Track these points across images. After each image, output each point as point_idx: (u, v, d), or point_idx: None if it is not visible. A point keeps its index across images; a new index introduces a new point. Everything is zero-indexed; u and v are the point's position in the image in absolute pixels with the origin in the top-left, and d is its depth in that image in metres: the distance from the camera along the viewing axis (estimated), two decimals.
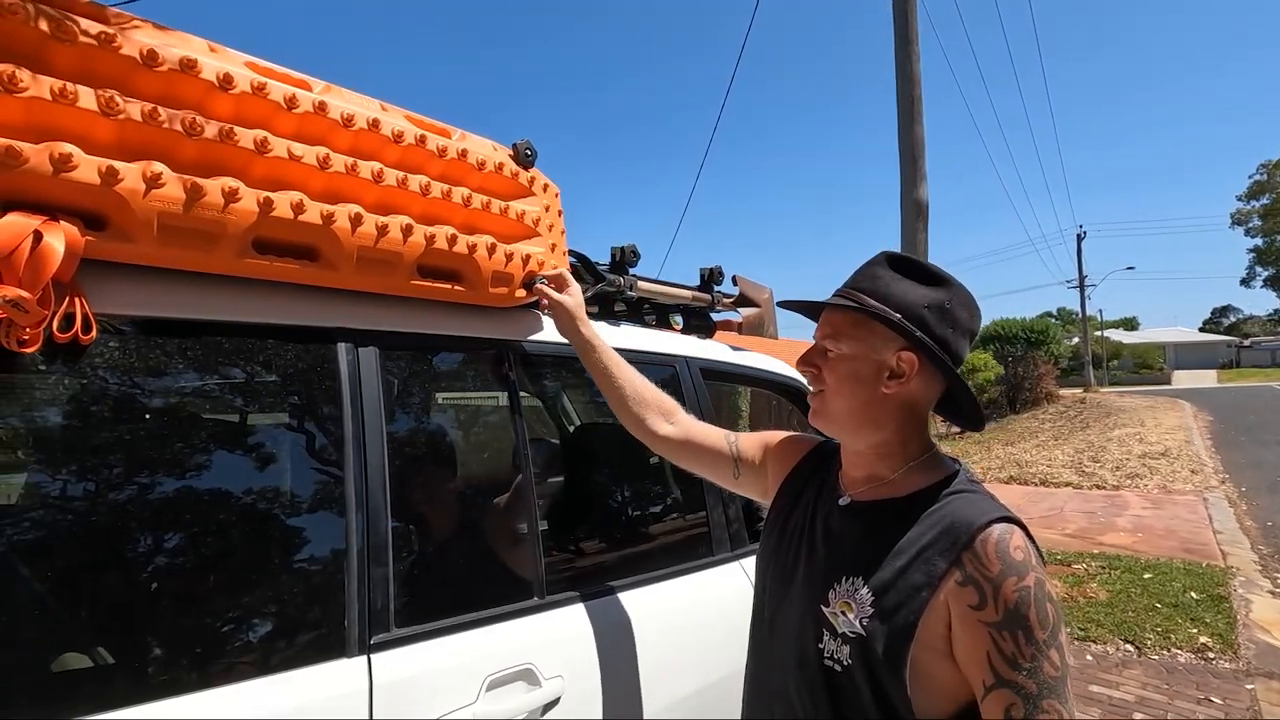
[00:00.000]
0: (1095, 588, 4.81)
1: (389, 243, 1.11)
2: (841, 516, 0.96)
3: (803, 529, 1.01)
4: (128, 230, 0.86)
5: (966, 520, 0.84)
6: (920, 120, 6.21)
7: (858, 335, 0.93)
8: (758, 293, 2.33)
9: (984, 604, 0.79)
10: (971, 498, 0.88)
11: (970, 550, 0.81)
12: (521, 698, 1.12)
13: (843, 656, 0.86)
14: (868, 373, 0.92)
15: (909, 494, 0.91)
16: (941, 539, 0.84)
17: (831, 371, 0.94)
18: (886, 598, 0.84)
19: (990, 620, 0.78)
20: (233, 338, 1.03)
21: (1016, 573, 0.79)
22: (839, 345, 0.93)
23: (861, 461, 0.97)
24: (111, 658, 0.86)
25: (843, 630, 0.86)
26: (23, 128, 0.79)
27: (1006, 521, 0.84)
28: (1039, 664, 0.76)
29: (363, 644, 1.00)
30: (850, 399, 0.93)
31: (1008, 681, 0.76)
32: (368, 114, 1.11)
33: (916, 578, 0.83)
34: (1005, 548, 0.81)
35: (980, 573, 0.80)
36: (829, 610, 0.89)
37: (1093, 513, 7.39)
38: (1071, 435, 13.95)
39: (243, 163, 0.96)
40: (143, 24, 0.91)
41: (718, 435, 1.25)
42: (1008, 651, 0.77)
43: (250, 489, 1.03)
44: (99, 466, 0.90)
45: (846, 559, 0.91)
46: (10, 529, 0.85)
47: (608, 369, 1.31)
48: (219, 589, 0.95)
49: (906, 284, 0.92)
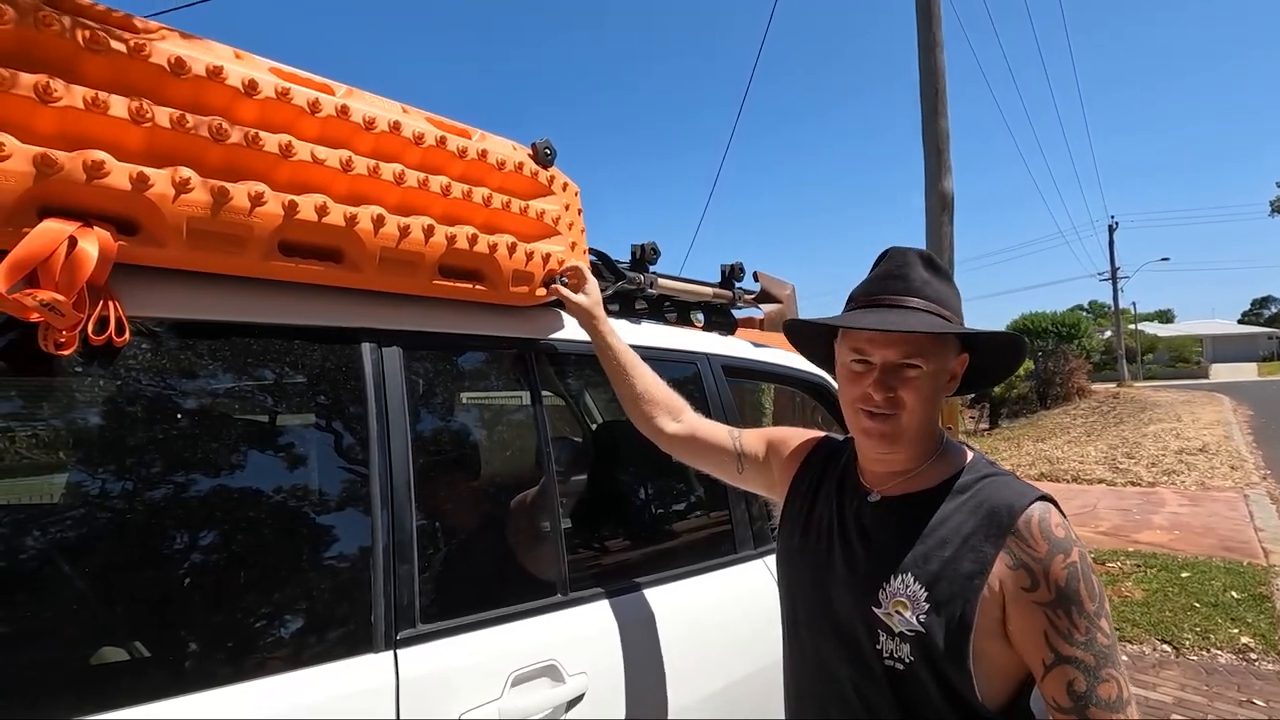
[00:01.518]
0: (1130, 586, 4.69)
1: (411, 243, 1.12)
2: (874, 513, 0.95)
3: (830, 528, 1.00)
4: (158, 235, 0.88)
5: (1006, 504, 0.85)
6: (945, 112, 6.12)
7: (938, 351, 0.90)
8: (779, 289, 2.31)
9: (1036, 585, 0.80)
10: (1002, 480, 0.90)
11: (1015, 533, 0.82)
12: (546, 694, 1.13)
13: (904, 655, 0.85)
14: (942, 383, 0.93)
15: (939, 484, 0.92)
16: (985, 524, 0.85)
17: (914, 391, 0.90)
18: (938, 589, 0.84)
19: (1044, 600, 0.79)
20: (260, 339, 1.05)
21: (1062, 550, 0.80)
22: (928, 363, 0.89)
23: (889, 459, 0.96)
24: (147, 652, 0.89)
25: (900, 629, 0.86)
26: (57, 136, 0.81)
27: (1042, 500, 0.85)
28: (1093, 635, 0.78)
29: (389, 640, 1.01)
30: (928, 414, 0.92)
31: (1067, 657, 0.78)
32: (389, 116, 1.12)
33: (966, 565, 0.84)
34: (1048, 527, 0.82)
35: (1028, 554, 0.81)
36: (882, 611, 0.88)
37: (1127, 510, 7.22)
38: (1105, 431, 13.64)
39: (268, 167, 0.98)
40: (170, 33, 0.93)
41: (721, 432, 1.27)
42: (1063, 628, 0.78)
43: (278, 487, 1.05)
44: (133, 466, 0.92)
45: (889, 556, 0.90)
46: (50, 527, 0.88)
47: (621, 366, 1.33)
48: (249, 585, 0.97)
49: (945, 285, 0.94)
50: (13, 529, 0.86)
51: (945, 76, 6.16)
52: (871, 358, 0.91)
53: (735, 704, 1.47)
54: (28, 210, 0.79)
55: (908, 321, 0.88)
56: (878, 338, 0.90)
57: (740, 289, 2.17)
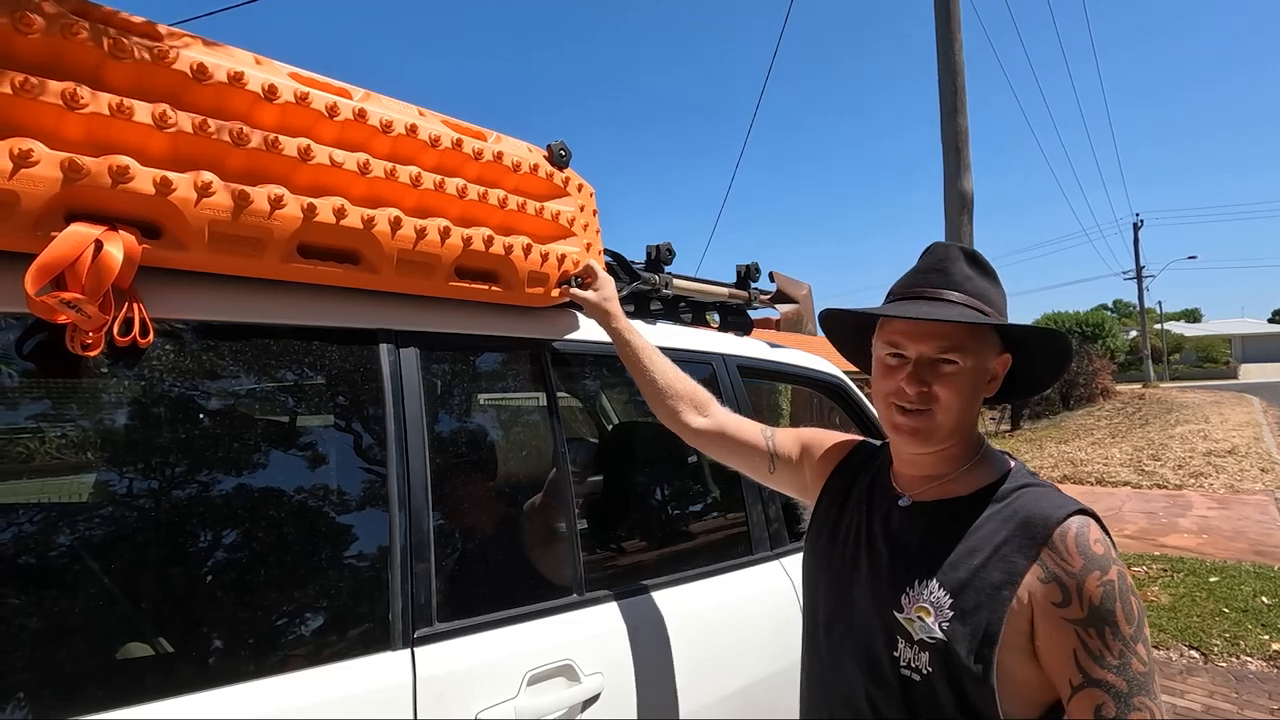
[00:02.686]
0: (1157, 591, 4.60)
1: (427, 245, 1.13)
2: (903, 517, 0.93)
3: (858, 531, 0.97)
4: (181, 238, 0.90)
5: (1042, 515, 0.81)
6: (964, 110, 6.05)
7: (976, 347, 0.88)
8: (796, 289, 2.30)
9: (1068, 601, 0.76)
10: (1040, 490, 0.86)
11: (1050, 545, 0.79)
12: (562, 693, 1.13)
13: (921, 664, 0.82)
14: (981, 382, 0.90)
15: (973, 491, 0.89)
16: (1018, 535, 0.81)
17: (950, 387, 0.87)
18: (964, 598, 0.81)
19: (1075, 618, 0.75)
20: (280, 340, 1.06)
21: (1099, 567, 0.76)
22: (965, 359, 0.87)
23: (923, 462, 0.93)
24: (170, 648, 0.90)
25: (920, 636, 0.82)
26: (83, 142, 0.83)
27: (1082, 514, 0.81)
28: (1127, 660, 0.74)
29: (406, 638, 1.02)
30: (963, 412, 0.88)
31: (1096, 680, 0.74)
32: (405, 119, 1.13)
33: (995, 575, 0.80)
34: (1085, 541, 0.78)
35: (1062, 569, 0.77)
36: (903, 616, 0.85)
37: (1153, 513, 7.08)
38: (1129, 432, 13.39)
39: (287, 170, 0.99)
40: (193, 39, 0.95)
41: (753, 429, 1.24)
42: (1094, 649, 0.74)
43: (297, 487, 1.06)
44: (157, 465, 0.94)
45: (915, 561, 0.87)
46: (77, 525, 0.90)
47: (641, 361, 1.31)
48: (270, 584, 0.98)
49: (988, 281, 0.91)
50: (42, 527, 0.88)
51: (964, 73, 6.10)
52: (906, 351, 0.89)
53: (751, 706, 1.46)
54: (55, 215, 0.81)
55: (944, 313, 0.86)
56: (913, 330, 0.88)
57: (756, 289, 2.16)
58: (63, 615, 0.83)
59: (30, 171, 0.78)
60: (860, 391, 2.27)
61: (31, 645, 0.80)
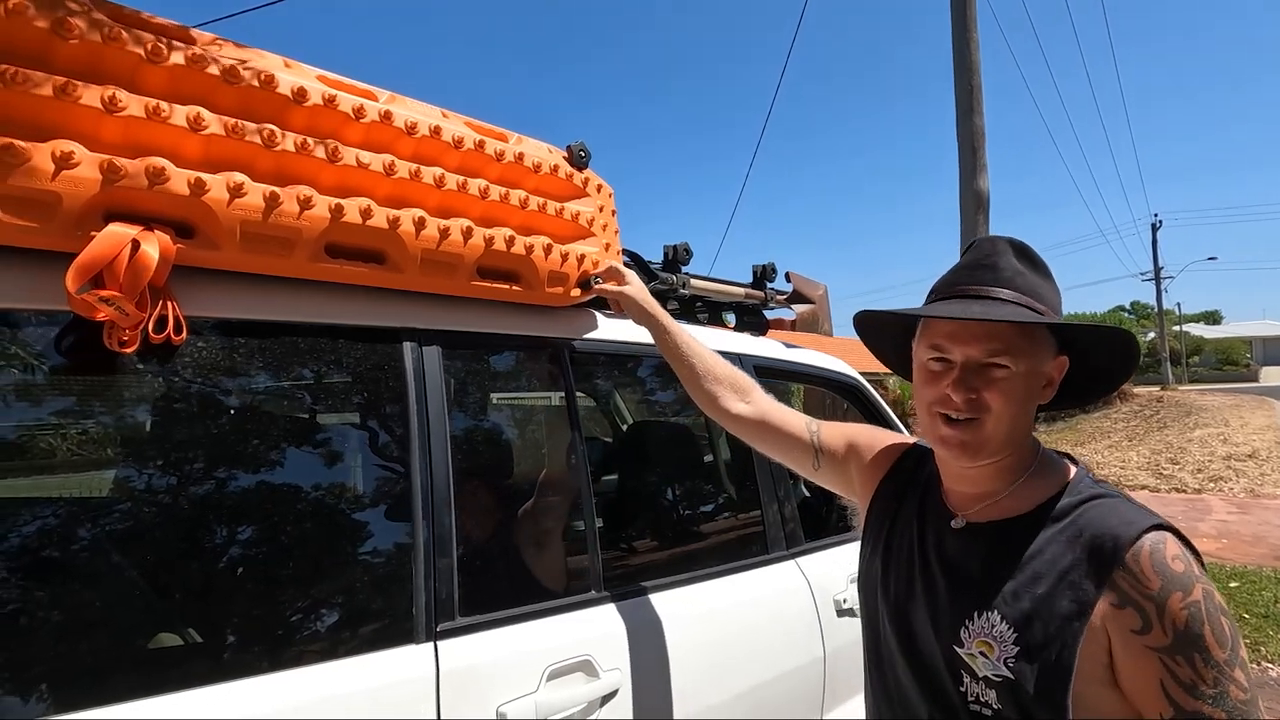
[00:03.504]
0: None
1: (450, 245, 1.14)
2: (957, 541, 0.85)
3: (911, 552, 0.90)
4: (214, 237, 0.92)
5: (1111, 533, 0.73)
6: (980, 110, 6.01)
7: (1030, 349, 0.79)
8: (812, 289, 2.30)
9: (1149, 627, 0.69)
10: (1109, 504, 0.77)
11: (1123, 568, 0.71)
12: (581, 688, 1.14)
13: (990, 700, 0.76)
14: (1036, 388, 0.81)
15: (1033, 509, 0.80)
16: (1087, 557, 0.73)
17: (1002, 394, 0.79)
18: (1031, 632, 0.74)
19: (1160, 645, 0.68)
20: (308, 337, 1.09)
21: (1181, 587, 0.69)
22: (1017, 363, 0.79)
23: (975, 477, 0.85)
24: (201, 638, 0.92)
25: (984, 673, 0.76)
26: (122, 145, 0.86)
27: (1158, 530, 0.73)
28: (1224, 688, 0.66)
29: (429, 631, 1.04)
30: (1016, 422, 0.80)
31: (1191, 713, 0.67)
32: (429, 121, 1.15)
33: (1064, 605, 0.73)
34: (1162, 560, 0.70)
35: (1139, 592, 0.70)
36: (965, 652, 0.78)
37: (1172, 517, 6.95)
38: (1147, 435, 13.22)
39: (315, 171, 1.01)
40: (225, 43, 0.97)
41: (798, 421, 1.17)
42: (1185, 678, 0.67)
43: (323, 483, 1.08)
44: (193, 460, 0.96)
45: (974, 591, 0.80)
46: (115, 519, 0.92)
47: (678, 348, 1.27)
48: (299, 578, 1.00)
49: (1038, 278, 0.83)
50: (83, 520, 0.90)
51: (980, 73, 6.06)
52: (951, 355, 0.81)
53: (766, 705, 1.47)
54: (95, 215, 0.84)
55: (993, 312, 0.78)
56: (960, 332, 0.80)
57: (772, 289, 2.17)
58: (103, 605, 0.85)
59: (71, 173, 0.80)
60: (876, 393, 2.27)
61: (88, 633, 0.82)
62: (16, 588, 0.81)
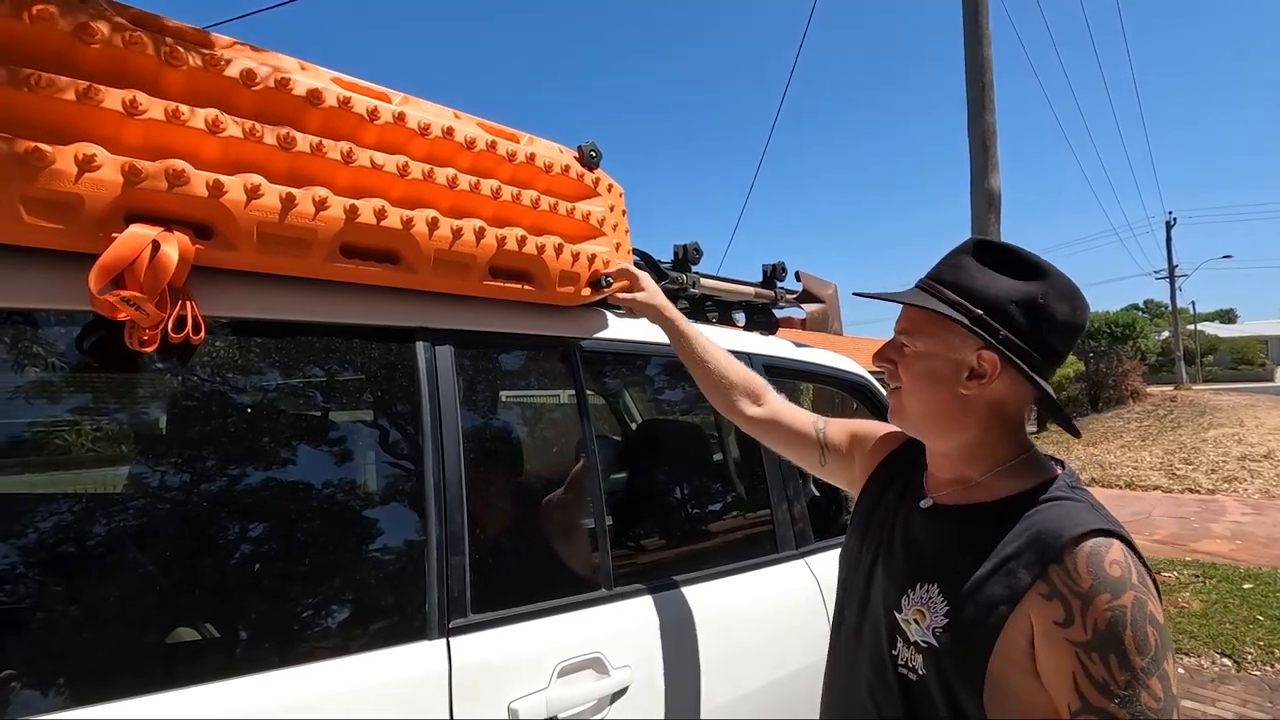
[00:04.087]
0: (1188, 597, 4.51)
1: (463, 245, 1.15)
2: (922, 519, 0.92)
3: (882, 529, 0.97)
4: (232, 238, 0.93)
5: (1056, 531, 0.77)
6: (991, 107, 5.96)
7: (934, 332, 0.87)
8: (821, 288, 2.30)
9: (1070, 621, 0.72)
10: (1068, 506, 0.80)
11: (1059, 563, 0.74)
12: (591, 685, 1.15)
13: (917, 665, 0.82)
14: (945, 372, 0.86)
15: (997, 499, 0.85)
16: (1028, 550, 0.77)
17: (907, 369, 0.89)
18: (963, 608, 0.79)
19: (1078, 640, 0.71)
20: (323, 337, 1.10)
21: (1110, 590, 0.71)
22: (914, 342, 0.88)
23: (947, 463, 0.91)
24: (217, 633, 0.94)
25: (915, 639, 0.83)
26: (142, 147, 0.87)
27: (1105, 534, 0.75)
28: (1135, 693, 0.68)
29: (442, 628, 1.05)
30: (928, 399, 0.88)
31: (1097, 709, 0.70)
32: (442, 123, 1.16)
33: (997, 590, 0.77)
34: (1099, 562, 0.73)
35: (1068, 587, 0.73)
36: (901, 617, 0.85)
37: (1184, 518, 6.94)
38: (1160, 435, 13.10)
39: (331, 173, 1.02)
40: (242, 46, 0.99)
41: (805, 418, 1.23)
42: (1098, 676, 0.70)
43: (337, 481, 1.10)
44: (209, 457, 0.98)
45: (923, 564, 0.87)
46: (129, 515, 0.94)
47: (694, 351, 1.31)
48: (313, 574, 1.01)
49: (992, 275, 0.86)
50: (103, 516, 0.92)
51: (992, 70, 6.01)
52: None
53: (775, 703, 1.47)
54: (116, 216, 0.85)
55: (901, 296, 0.90)
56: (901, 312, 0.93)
57: (782, 288, 2.17)
58: (123, 600, 0.87)
59: (93, 175, 0.82)
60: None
61: (106, 627, 0.84)
62: (30, 583, 0.83)
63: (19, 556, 0.83)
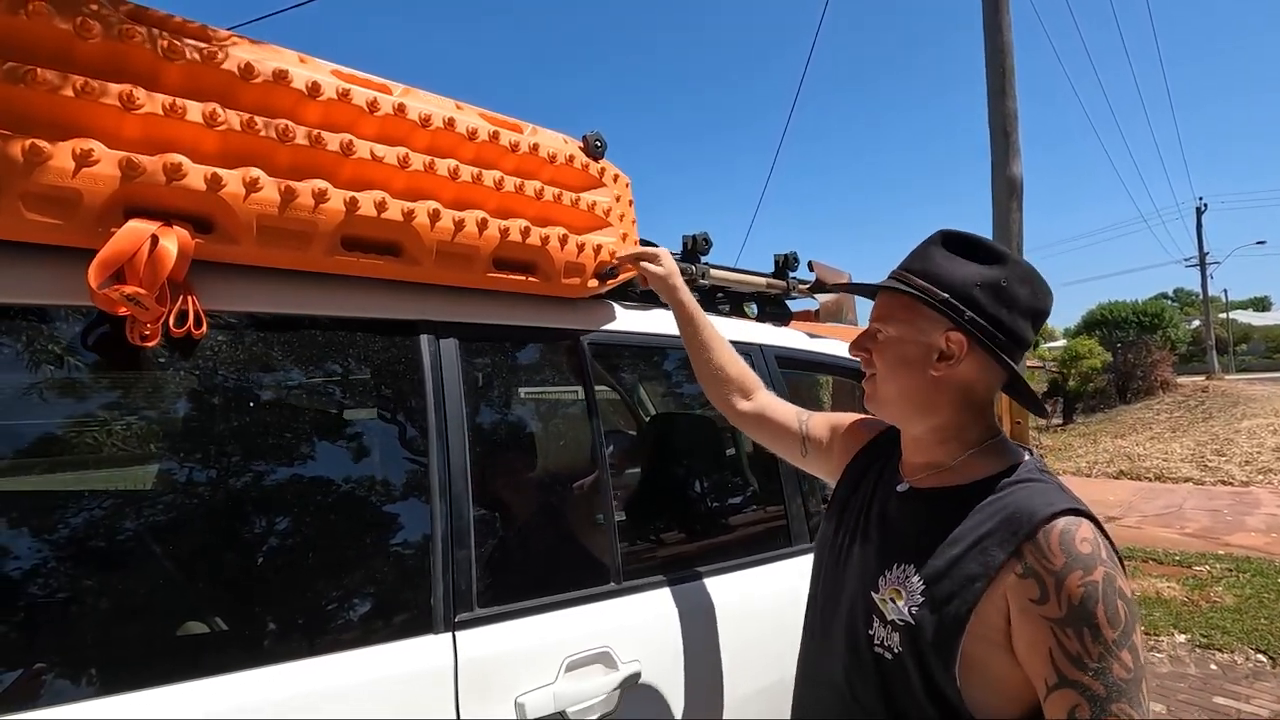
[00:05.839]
0: (1220, 592, 4.40)
1: (466, 237, 1.14)
2: (898, 503, 0.95)
3: (859, 514, 1.00)
4: (231, 232, 0.93)
5: (1029, 510, 0.80)
6: (1012, 93, 5.84)
7: (905, 317, 0.91)
8: (835, 278, 2.26)
9: (1046, 598, 0.75)
10: (1037, 487, 0.84)
11: (1032, 542, 0.78)
12: (599, 679, 1.14)
13: (893, 644, 0.85)
14: (916, 355, 0.90)
15: (970, 482, 0.88)
16: (1001, 529, 0.81)
17: (880, 355, 0.93)
18: (939, 587, 0.82)
19: (1053, 616, 0.74)
20: (326, 331, 1.10)
21: (1082, 566, 0.75)
22: (887, 328, 0.92)
23: (920, 447, 0.95)
24: (225, 626, 0.94)
25: (891, 617, 0.85)
26: (140, 141, 0.87)
27: (1074, 514, 0.79)
28: (1107, 664, 0.72)
29: (448, 622, 1.04)
30: (900, 383, 0.91)
31: (1072, 681, 0.72)
32: (443, 114, 1.15)
33: (971, 568, 0.80)
34: (1070, 540, 0.76)
35: (1042, 565, 0.76)
36: (878, 596, 0.88)
37: (1217, 511, 6.76)
38: (1191, 427, 12.80)
39: (330, 165, 1.01)
40: (240, 40, 0.98)
41: (789, 412, 1.27)
42: (1072, 650, 0.73)
43: (342, 475, 1.09)
44: (212, 452, 0.98)
45: (900, 545, 0.90)
46: (142, 512, 0.95)
47: (701, 339, 1.33)
48: (319, 568, 1.01)
49: (958, 262, 0.90)
50: (116, 513, 0.93)
51: (1013, 54, 5.88)
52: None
53: (785, 700, 1.45)
54: (115, 211, 0.85)
55: (878, 285, 0.94)
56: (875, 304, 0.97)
57: (794, 279, 2.13)
58: (135, 595, 0.88)
59: (91, 170, 0.82)
60: None
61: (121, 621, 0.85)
62: (32, 578, 0.83)
63: (22, 552, 0.84)
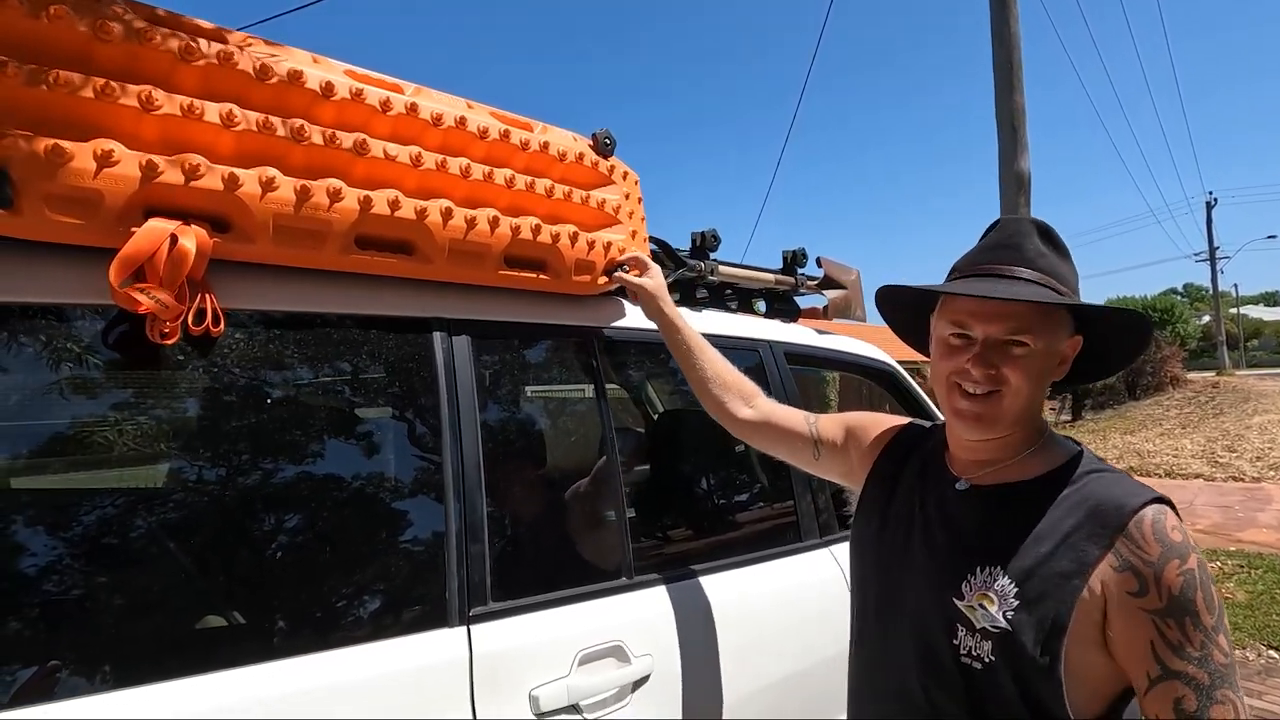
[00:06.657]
0: (1232, 588, 4.37)
1: (477, 235, 1.15)
2: (961, 501, 0.89)
3: (911, 515, 0.94)
4: (248, 231, 0.94)
5: (1116, 502, 0.78)
6: (1020, 87, 5.81)
7: (1048, 328, 0.83)
8: (844, 274, 2.26)
9: (1145, 590, 0.73)
10: (1111, 477, 0.82)
11: (1125, 534, 0.75)
12: (612, 673, 1.15)
13: (984, 653, 0.79)
14: (1051, 366, 0.85)
15: (1036, 476, 0.85)
16: (1088, 522, 0.78)
17: (1019, 370, 0.82)
18: (1030, 586, 0.78)
19: (1153, 608, 0.73)
20: (340, 329, 1.11)
21: (1178, 555, 0.73)
22: (1035, 341, 0.82)
23: (981, 447, 0.89)
24: (244, 620, 0.96)
25: (982, 625, 0.79)
26: (158, 142, 0.88)
27: (1158, 502, 0.78)
28: (1209, 651, 0.71)
29: (462, 615, 1.06)
30: (1032, 397, 0.84)
31: (1177, 672, 0.71)
32: (455, 113, 1.16)
33: (1064, 564, 0.77)
34: (1163, 529, 0.75)
35: (1139, 557, 0.74)
36: (964, 604, 0.82)
37: (1228, 507, 6.72)
38: (1202, 423, 12.70)
39: (344, 164, 1.02)
40: (255, 41, 0.99)
41: (797, 417, 1.22)
42: (1174, 640, 0.71)
43: (357, 470, 1.11)
44: (228, 448, 0.99)
45: (976, 547, 0.84)
46: (156, 508, 0.96)
47: (689, 351, 1.30)
48: (337, 563, 1.03)
49: (1054, 259, 0.86)
50: (134, 509, 0.94)
51: (1020, 47, 5.85)
52: (973, 332, 0.84)
53: (798, 693, 1.46)
54: (135, 211, 0.86)
55: (1017, 292, 0.81)
56: (982, 310, 0.83)
57: (803, 275, 2.13)
58: (154, 589, 0.89)
59: (112, 171, 0.83)
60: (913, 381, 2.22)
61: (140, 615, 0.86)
62: (57, 574, 0.85)
63: (36, 549, 0.85)
